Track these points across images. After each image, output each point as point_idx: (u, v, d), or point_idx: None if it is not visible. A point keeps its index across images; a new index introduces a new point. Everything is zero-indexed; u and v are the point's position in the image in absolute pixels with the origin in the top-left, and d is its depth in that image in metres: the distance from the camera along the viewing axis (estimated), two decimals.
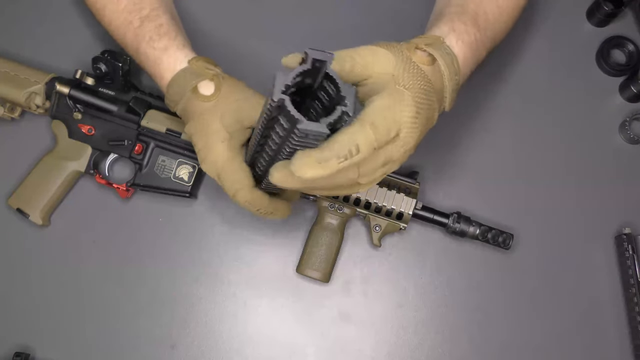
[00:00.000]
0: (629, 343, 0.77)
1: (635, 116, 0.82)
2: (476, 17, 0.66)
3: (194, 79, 0.63)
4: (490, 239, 0.75)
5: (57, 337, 0.76)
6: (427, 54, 0.57)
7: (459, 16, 0.65)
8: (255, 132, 0.54)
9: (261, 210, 0.62)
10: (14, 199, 0.76)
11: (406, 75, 0.54)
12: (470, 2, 0.67)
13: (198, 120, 0.63)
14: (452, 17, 0.64)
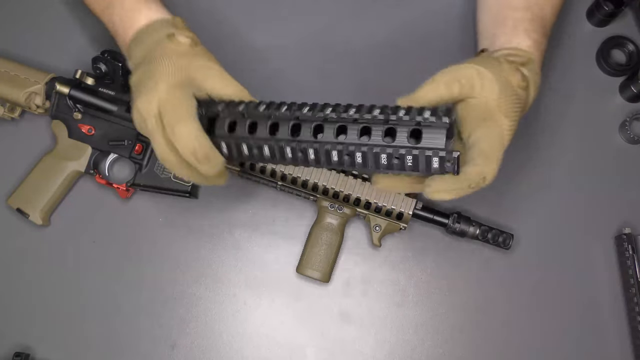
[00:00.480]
0: (629, 343, 0.77)
1: (635, 116, 0.82)
2: (543, 23, 0.67)
3: (171, 28, 0.62)
4: (490, 239, 0.75)
5: (57, 337, 0.76)
6: (521, 76, 0.59)
7: (532, 24, 0.66)
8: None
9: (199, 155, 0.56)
10: (14, 198, 0.76)
11: (507, 102, 0.57)
12: (533, 4, 0.67)
13: (161, 60, 0.60)
14: (526, 25, 0.65)
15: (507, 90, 0.58)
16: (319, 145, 0.54)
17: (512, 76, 0.59)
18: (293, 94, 0.64)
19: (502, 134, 0.57)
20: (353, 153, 0.54)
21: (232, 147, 0.59)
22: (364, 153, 0.53)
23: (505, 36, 0.65)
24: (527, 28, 0.65)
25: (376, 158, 0.53)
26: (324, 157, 0.55)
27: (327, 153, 0.54)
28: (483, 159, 0.56)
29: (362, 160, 0.54)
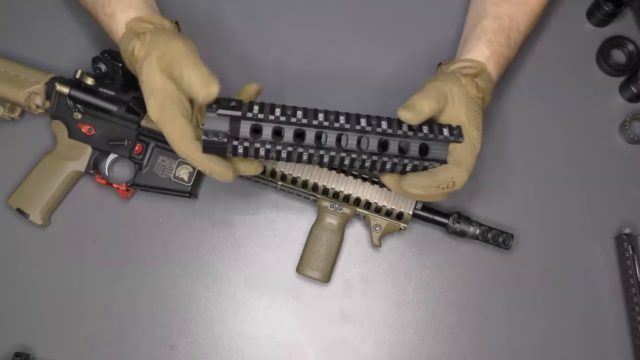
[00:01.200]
0: (629, 343, 0.77)
1: (635, 116, 0.82)
2: (510, 33, 0.72)
3: (128, 43, 0.65)
4: (490, 239, 0.75)
5: (57, 337, 0.76)
6: (477, 87, 0.67)
7: (496, 35, 0.71)
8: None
9: (198, 166, 0.61)
10: (14, 198, 0.76)
11: (472, 114, 0.65)
12: (505, 15, 0.73)
13: (140, 82, 0.63)
14: (490, 36, 0.71)
15: (471, 104, 0.66)
16: (342, 153, 0.63)
17: (470, 89, 0.66)
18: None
19: (474, 144, 0.64)
20: (369, 161, 0.63)
21: (251, 151, 0.62)
22: (383, 163, 0.63)
23: (470, 43, 0.72)
24: (490, 39, 0.71)
25: (393, 166, 0.64)
26: (338, 161, 0.63)
27: (342, 159, 0.63)
28: (455, 165, 0.63)
29: (380, 166, 0.64)
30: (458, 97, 0.65)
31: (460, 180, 0.63)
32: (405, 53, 0.84)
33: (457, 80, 0.66)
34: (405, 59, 0.84)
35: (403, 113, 0.61)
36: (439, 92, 0.64)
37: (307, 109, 0.61)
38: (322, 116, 0.61)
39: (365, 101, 0.80)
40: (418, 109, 0.61)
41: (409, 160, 0.63)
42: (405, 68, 0.83)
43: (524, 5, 0.74)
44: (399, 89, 0.73)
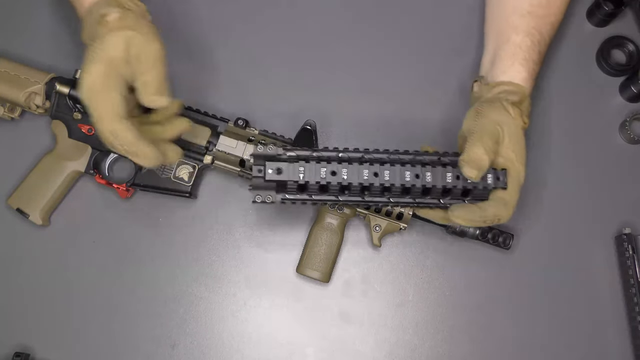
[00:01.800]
0: (629, 343, 0.77)
1: (635, 116, 0.82)
2: (540, 48, 0.72)
3: (103, 7, 0.63)
4: (490, 239, 0.75)
5: (57, 337, 0.76)
6: (523, 118, 0.68)
7: (531, 53, 0.71)
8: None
9: (125, 147, 0.60)
10: (14, 198, 0.76)
11: (520, 150, 0.66)
12: (534, 29, 0.72)
13: (93, 43, 0.62)
14: (526, 54, 0.71)
15: (520, 139, 0.67)
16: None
17: (519, 121, 0.67)
18: None
19: (520, 181, 0.66)
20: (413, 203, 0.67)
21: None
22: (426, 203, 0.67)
23: (504, 61, 0.71)
24: (526, 57, 0.71)
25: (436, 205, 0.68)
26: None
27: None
28: (502, 203, 0.66)
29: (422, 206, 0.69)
30: (509, 134, 0.66)
31: (506, 217, 0.66)
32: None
33: (505, 113, 0.67)
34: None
35: (469, 171, 0.63)
36: (494, 136, 0.65)
37: (350, 162, 0.63)
38: (366, 173, 0.63)
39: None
40: (481, 165, 0.63)
41: (451, 202, 0.66)
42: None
43: (548, 18, 0.73)
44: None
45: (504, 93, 0.69)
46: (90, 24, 0.64)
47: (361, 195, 0.65)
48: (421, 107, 0.82)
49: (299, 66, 0.83)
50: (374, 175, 0.63)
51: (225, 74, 0.82)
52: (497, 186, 0.65)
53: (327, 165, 0.63)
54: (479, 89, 0.72)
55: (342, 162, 0.63)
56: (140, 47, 0.62)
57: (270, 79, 0.82)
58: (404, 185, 0.63)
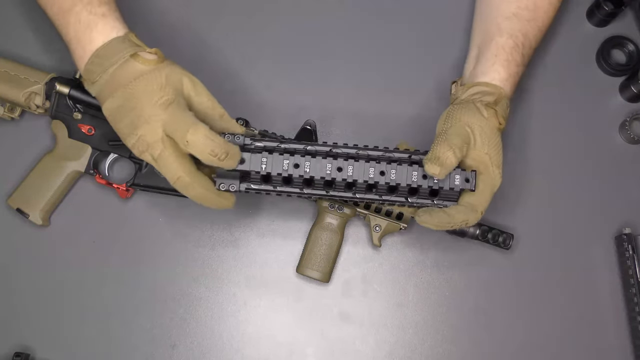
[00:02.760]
0: (629, 343, 0.77)
1: (635, 116, 0.82)
2: (524, 50, 0.71)
3: (133, 46, 0.62)
4: (490, 239, 0.75)
5: (57, 337, 0.76)
6: (498, 118, 0.66)
7: (513, 54, 0.70)
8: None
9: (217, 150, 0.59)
10: (14, 198, 0.76)
11: (494, 152, 0.64)
12: (518, 32, 0.71)
13: (129, 86, 0.60)
14: (508, 56, 0.69)
15: (493, 140, 0.65)
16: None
17: (493, 122, 0.66)
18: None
19: (494, 185, 0.65)
20: (378, 200, 0.66)
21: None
22: (392, 201, 0.65)
23: (486, 63, 0.70)
24: (507, 58, 0.69)
25: (402, 204, 0.66)
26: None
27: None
28: (470, 209, 0.64)
29: (389, 203, 0.67)
30: (480, 136, 0.64)
31: (474, 221, 0.64)
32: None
33: (478, 114, 0.65)
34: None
35: (431, 168, 0.61)
36: (463, 137, 0.63)
37: (314, 155, 0.62)
38: (329, 167, 0.62)
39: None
40: (445, 163, 0.61)
41: (418, 201, 0.65)
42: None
43: (534, 22, 0.73)
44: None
45: (479, 94, 0.68)
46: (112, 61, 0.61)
47: (325, 189, 0.64)
48: (424, 106, 0.82)
49: (299, 66, 0.83)
50: (337, 170, 0.62)
51: (225, 74, 0.82)
52: (465, 188, 0.63)
53: (290, 157, 0.62)
54: (456, 90, 0.72)
55: (306, 155, 0.62)
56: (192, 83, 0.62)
57: (270, 78, 0.82)
58: (367, 181, 0.62)
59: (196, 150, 0.59)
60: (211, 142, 0.59)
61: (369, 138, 0.79)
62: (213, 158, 0.59)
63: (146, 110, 0.59)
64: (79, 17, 0.64)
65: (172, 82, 0.61)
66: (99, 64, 0.62)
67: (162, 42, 0.67)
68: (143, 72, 0.61)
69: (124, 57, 0.61)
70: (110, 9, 0.65)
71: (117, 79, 0.61)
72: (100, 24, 0.63)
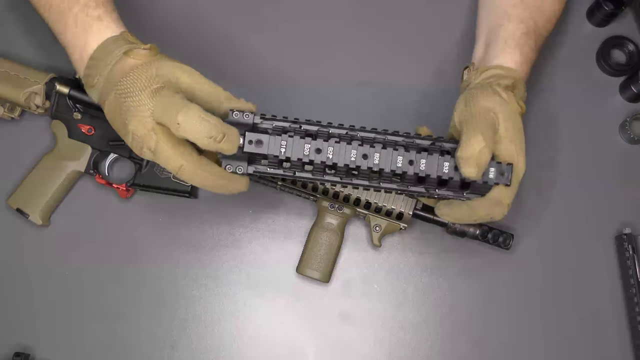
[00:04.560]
0: (629, 343, 0.77)
1: (635, 116, 0.82)
2: (537, 37, 0.69)
3: (126, 44, 0.60)
4: (490, 239, 0.75)
5: (57, 337, 0.76)
6: (518, 104, 0.62)
7: (526, 38, 0.67)
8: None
9: (213, 131, 0.55)
10: (14, 198, 0.76)
11: (519, 139, 0.60)
12: (528, 18, 0.68)
13: (128, 76, 0.58)
14: (520, 40, 0.67)
15: (518, 128, 0.61)
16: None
17: (514, 106, 0.61)
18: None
19: (519, 176, 0.61)
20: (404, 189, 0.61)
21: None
22: (419, 192, 0.61)
23: (496, 47, 0.67)
24: (519, 42, 0.66)
25: (430, 195, 0.62)
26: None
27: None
28: (496, 203, 0.60)
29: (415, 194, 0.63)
30: (504, 122, 0.59)
31: (499, 217, 0.61)
32: (413, 60, 0.83)
33: (498, 97, 0.61)
34: (414, 65, 0.83)
35: (468, 170, 0.56)
36: (490, 124, 0.58)
37: (338, 139, 0.57)
38: (354, 154, 0.57)
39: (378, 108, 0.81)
40: (481, 161, 0.57)
41: (444, 193, 0.60)
42: (417, 75, 0.83)
43: (542, 9, 0.71)
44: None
45: (494, 77, 0.64)
46: (107, 62, 0.60)
47: (345, 176, 0.59)
48: (427, 100, 0.82)
49: (300, 63, 0.83)
50: (362, 157, 0.57)
51: (225, 73, 0.82)
52: (500, 182, 0.59)
53: (312, 141, 0.57)
54: (468, 75, 0.68)
55: (330, 139, 0.57)
56: (188, 74, 0.59)
57: (270, 77, 0.82)
58: (395, 171, 0.57)
59: (190, 133, 0.55)
60: (206, 122, 0.55)
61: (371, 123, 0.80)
62: (209, 140, 0.55)
63: (134, 102, 0.57)
64: (76, 20, 0.63)
65: (163, 74, 0.58)
66: (95, 66, 0.61)
67: (159, 33, 0.67)
68: (134, 67, 0.59)
69: (118, 56, 0.60)
70: (106, 11, 0.63)
71: (111, 78, 0.60)
72: (95, 27, 0.62)
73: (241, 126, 0.58)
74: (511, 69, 0.65)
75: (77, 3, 0.63)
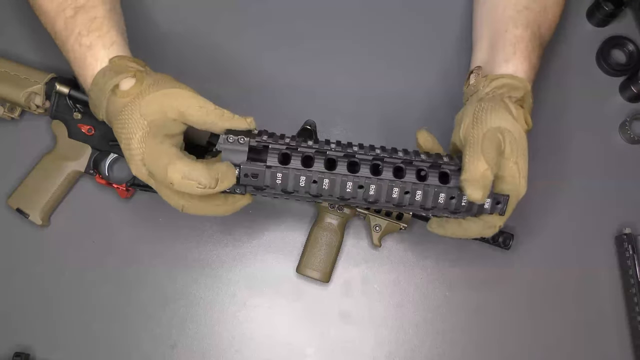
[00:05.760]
0: (629, 343, 0.77)
1: (635, 116, 0.82)
2: (541, 42, 0.69)
3: (113, 77, 0.60)
4: (490, 239, 0.75)
5: (57, 337, 0.76)
6: (526, 118, 0.62)
7: (531, 43, 0.66)
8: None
9: (203, 182, 0.55)
10: (14, 199, 0.76)
11: (523, 160, 0.60)
12: (533, 23, 0.68)
13: (119, 119, 0.59)
14: (526, 44, 0.66)
15: (523, 149, 0.60)
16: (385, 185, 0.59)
17: (522, 123, 0.61)
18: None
19: (518, 197, 0.61)
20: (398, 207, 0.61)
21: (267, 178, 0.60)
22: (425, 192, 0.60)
23: (503, 52, 0.66)
24: (527, 47, 0.66)
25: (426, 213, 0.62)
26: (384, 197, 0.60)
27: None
28: (489, 226, 0.61)
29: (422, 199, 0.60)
30: (510, 143, 0.59)
31: (489, 234, 0.62)
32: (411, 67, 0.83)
33: (507, 115, 0.60)
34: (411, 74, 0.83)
35: (474, 193, 0.55)
36: (495, 146, 0.58)
37: (332, 169, 0.58)
38: (350, 186, 0.58)
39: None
40: (485, 183, 0.56)
41: (436, 213, 0.61)
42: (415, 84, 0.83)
43: (545, 14, 0.70)
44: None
45: (506, 88, 0.63)
46: (103, 99, 0.60)
47: (340, 201, 0.61)
48: (425, 105, 0.82)
49: (299, 66, 0.83)
50: (358, 187, 0.58)
51: (225, 72, 0.82)
52: (494, 211, 0.59)
53: (307, 174, 0.58)
54: (476, 81, 0.66)
55: (325, 173, 0.58)
56: (181, 98, 0.59)
57: (270, 78, 0.82)
58: (389, 201, 0.59)
59: (182, 188, 0.56)
60: (190, 182, 0.55)
61: (370, 137, 0.80)
62: (205, 190, 0.56)
63: (129, 147, 0.58)
64: (74, 51, 0.63)
65: (149, 112, 0.58)
66: (95, 99, 0.62)
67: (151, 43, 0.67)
68: (124, 105, 0.59)
69: (107, 95, 0.60)
70: (99, 36, 0.62)
71: (109, 116, 0.62)
72: (87, 59, 0.62)
73: (236, 154, 0.58)
74: (522, 80, 0.63)
75: (73, 32, 0.63)
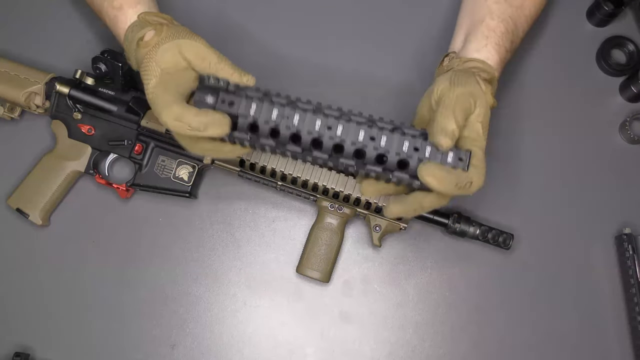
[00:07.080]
0: (629, 343, 0.77)
1: (635, 116, 0.82)
2: (513, 38, 0.71)
3: (138, 31, 0.65)
4: (490, 239, 0.75)
5: (57, 337, 0.76)
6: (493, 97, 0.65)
7: (504, 39, 0.70)
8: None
9: (193, 125, 0.59)
10: (14, 198, 0.76)
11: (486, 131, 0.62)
12: (509, 17, 0.71)
13: (142, 67, 0.64)
14: (499, 39, 0.69)
15: (488, 118, 0.62)
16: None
17: (490, 99, 0.64)
18: None
19: (483, 148, 0.62)
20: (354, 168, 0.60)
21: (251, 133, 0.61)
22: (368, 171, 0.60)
23: (477, 42, 0.69)
24: (498, 42, 0.69)
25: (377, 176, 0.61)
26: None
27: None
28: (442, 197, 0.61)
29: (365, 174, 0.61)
30: (479, 109, 0.62)
31: (441, 205, 0.62)
32: (392, 47, 0.84)
33: (478, 87, 0.63)
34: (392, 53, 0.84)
35: (443, 139, 0.58)
36: (465, 109, 0.61)
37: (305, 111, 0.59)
38: (318, 124, 0.59)
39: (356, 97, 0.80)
40: (453, 136, 0.59)
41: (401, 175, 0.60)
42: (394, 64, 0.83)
43: (522, 10, 0.72)
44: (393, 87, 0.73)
45: (476, 69, 0.67)
46: (132, 50, 0.66)
47: (307, 150, 0.60)
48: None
49: (295, 58, 0.83)
50: (326, 128, 0.59)
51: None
52: (457, 167, 0.59)
53: (280, 107, 0.59)
54: (450, 62, 0.70)
55: (296, 109, 0.60)
56: (191, 48, 0.64)
57: (269, 75, 0.82)
58: (355, 144, 0.59)
59: (176, 130, 0.60)
60: (182, 124, 0.59)
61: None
62: (196, 132, 0.59)
63: (147, 91, 0.63)
64: (108, 15, 0.69)
65: (162, 61, 0.63)
66: (128, 52, 0.68)
67: None
68: (145, 55, 0.64)
69: (134, 47, 0.66)
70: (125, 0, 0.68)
71: (138, 63, 0.67)
72: (119, 19, 0.68)
73: (216, 90, 0.61)
74: (491, 66, 0.68)
75: None
